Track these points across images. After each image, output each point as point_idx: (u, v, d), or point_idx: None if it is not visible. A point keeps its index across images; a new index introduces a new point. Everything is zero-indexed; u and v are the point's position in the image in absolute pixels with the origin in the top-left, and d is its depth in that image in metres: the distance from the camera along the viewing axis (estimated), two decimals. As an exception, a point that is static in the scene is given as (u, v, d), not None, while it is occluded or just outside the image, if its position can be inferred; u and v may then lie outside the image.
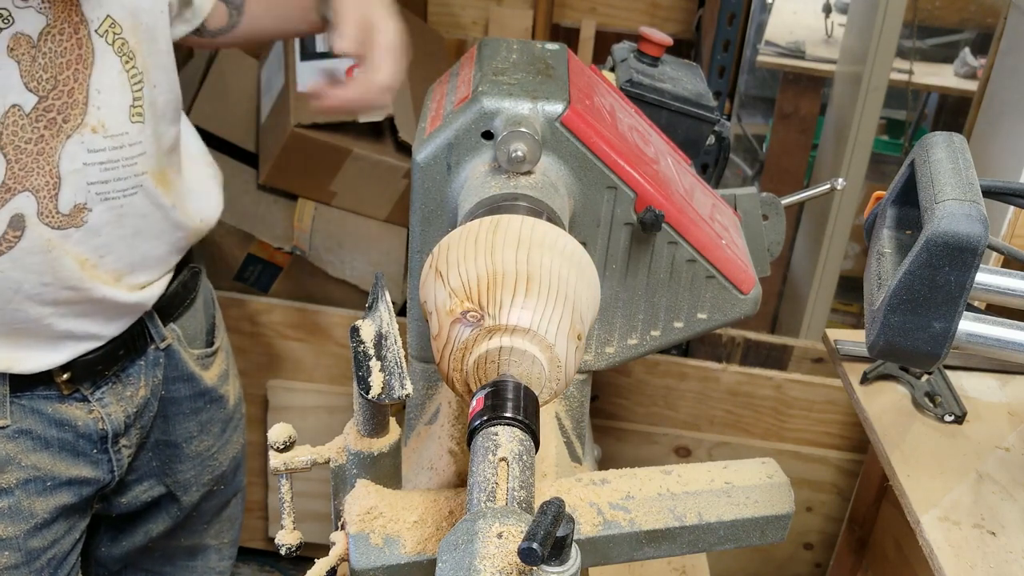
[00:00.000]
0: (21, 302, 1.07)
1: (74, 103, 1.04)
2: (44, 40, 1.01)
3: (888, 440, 1.20)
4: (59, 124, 1.03)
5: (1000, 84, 1.63)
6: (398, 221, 2.04)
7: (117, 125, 1.08)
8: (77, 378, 1.17)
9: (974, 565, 1.01)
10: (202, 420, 1.37)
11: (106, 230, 1.11)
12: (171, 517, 1.41)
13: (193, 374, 1.33)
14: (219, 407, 1.39)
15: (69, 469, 1.20)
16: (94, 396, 1.20)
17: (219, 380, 1.38)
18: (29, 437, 1.16)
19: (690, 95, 1.18)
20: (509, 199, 0.88)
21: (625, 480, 0.90)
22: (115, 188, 1.09)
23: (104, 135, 1.07)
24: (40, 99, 1.01)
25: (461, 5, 2.32)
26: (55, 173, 1.04)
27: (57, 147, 1.04)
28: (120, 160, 1.09)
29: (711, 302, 1.02)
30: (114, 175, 1.09)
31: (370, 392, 0.78)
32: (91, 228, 1.09)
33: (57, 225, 1.06)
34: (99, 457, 1.23)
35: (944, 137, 0.86)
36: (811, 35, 2.79)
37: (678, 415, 2.01)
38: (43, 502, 1.18)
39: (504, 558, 0.57)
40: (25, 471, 1.15)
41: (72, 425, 1.19)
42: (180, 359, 1.30)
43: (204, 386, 1.35)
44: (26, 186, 1.03)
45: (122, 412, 1.24)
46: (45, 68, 1.01)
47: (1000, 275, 0.83)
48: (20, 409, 1.14)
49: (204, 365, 1.35)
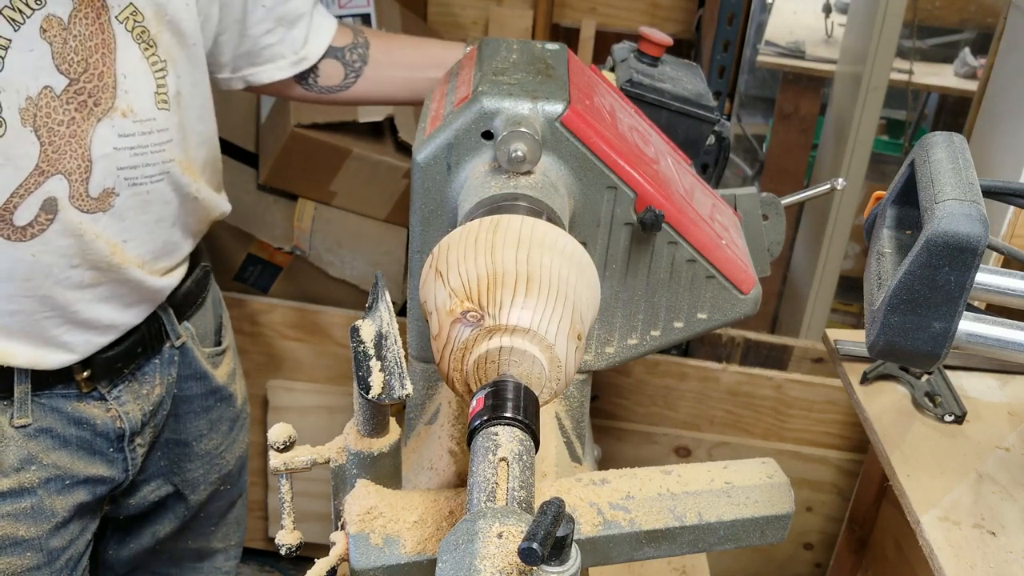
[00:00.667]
0: (51, 287, 1.08)
1: (104, 87, 1.05)
2: (73, 23, 1.02)
3: (888, 440, 1.20)
4: (90, 107, 1.05)
5: (1000, 84, 1.63)
6: (398, 221, 2.04)
7: (145, 110, 1.09)
8: (96, 376, 1.19)
9: (974, 565, 1.01)
10: (212, 418, 1.38)
11: (130, 215, 1.12)
12: (178, 518, 1.41)
13: (206, 372, 1.34)
14: (228, 405, 1.41)
15: (87, 468, 1.21)
16: (111, 395, 1.21)
17: (228, 378, 1.40)
18: (49, 436, 1.17)
19: (690, 95, 1.18)
20: (509, 199, 0.88)
21: (625, 480, 0.90)
22: (143, 174, 1.11)
23: (134, 119, 1.08)
24: (71, 81, 1.03)
25: (461, 5, 2.32)
26: (87, 156, 1.06)
27: (88, 130, 1.05)
28: (149, 146, 1.10)
29: (711, 302, 1.02)
30: (143, 160, 1.10)
31: (370, 392, 0.78)
32: (116, 212, 1.10)
33: (87, 209, 1.08)
34: (115, 456, 1.24)
35: (944, 137, 0.86)
36: (811, 35, 2.79)
37: (678, 415, 2.01)
38: (62, 500, 1.19)
39: (504, 558, 0.57)
40: (47, 470, 1.17)
41: (91, 424, 1.20)
42: (193, 357, 1.32)
43: (215, 384, 1.36)
44: (59, 169, 1.04)
45: (139, 410, 1.25)
46: (76, 51, 1.03)
47: (1000, 275, 0.83)
48: (40, 408, 1.16)
49: (214, 363, 1.37)
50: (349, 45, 1.32)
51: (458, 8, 2.32)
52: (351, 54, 1.32)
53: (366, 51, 1.32)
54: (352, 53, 1.32)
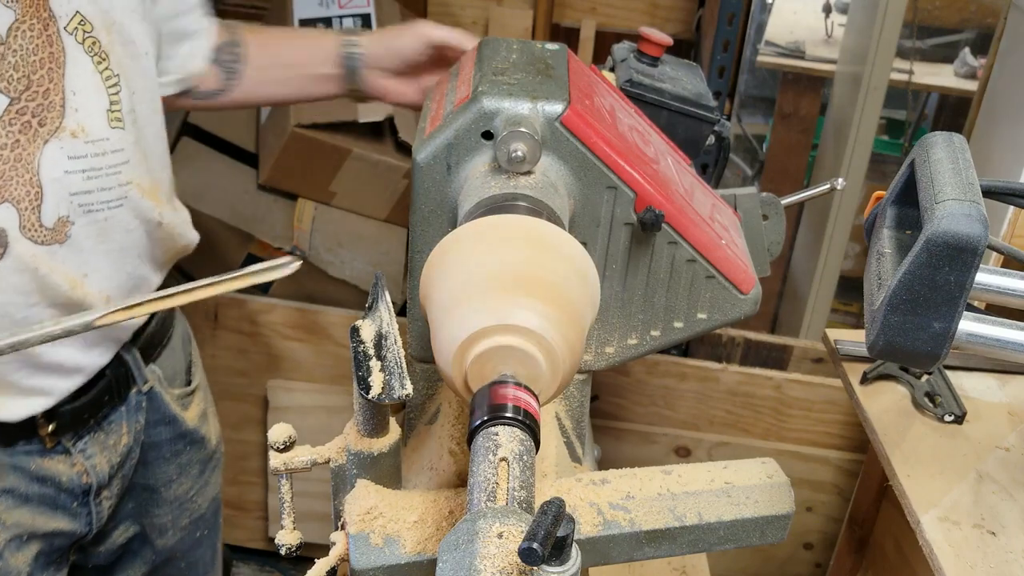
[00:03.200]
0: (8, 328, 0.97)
1: (50, 105, 0.97)
2: (13, 36, 0.94)
3: (888, 440, 1.20)
4: (35, 128, 0.96)
5: (1000, 84, 1.63)
6: (398, 221, 2.04)
7: (97, 129, 1.01)
8: (61, 429, 1.11)
9: (974, 565, 1.01)
10: (181, 463, 1.31)
11: (88, 245, 1.03)
12: (147, 563, 1.34)
13: (175, 416, 1.27)
14: (199, 448, 1.33)
15: (47, 523, 1.14)
16: (77, 447, 1.14)
17: (199, 420, 1.32)
18: (11, 496, 1.10)
19: (690, 95, 1.18)
20: (509, 199, 0.87)
21: (625, 480, 0.90)
22: (99, 199, 1.02)
23: (85, 140, 1.00)
24: (12, 100, 0.95)
25: (461, 5, 2.32)
26: (35, 182, 0.97)
27: (35, 153, 0.97)
28: (103, 168, 1.02)
29: (711, 302, 1.02)
30: (97, 184, 1.02)
31: (370, 392, 0.78)
32: (74, 243, 1.02)
33: (41, 240, 0.99)
34: (79, 510, 1.17)
35: (944, 137, 0.86)
36: (811, 35, 2.79)
37: (678, 415, 2.01)
38: (22, 555, 1.12)
39: (504, 558, 0.57)
40: (8, 531, 1.10)
41: (55, 481, 1.13)
42: (162, 401, 1.24)
43: (185, 428, 1.29)
44: (6, 197, 0.96)
45: (106, 462, 1.18)
46: (16, 67, 0.94)
47: (1000, 275, 0.83)
48: (2, 468, 1.08)
49: (184, 405, 1.29)
50: (221, 44, 1.22)
51: (458, 8, 2.32)
52: (225, 53, 1.22)
53: (241, 49, 1.22)
54: (226, 52, 1.22)
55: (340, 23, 2.11)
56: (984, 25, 2.81)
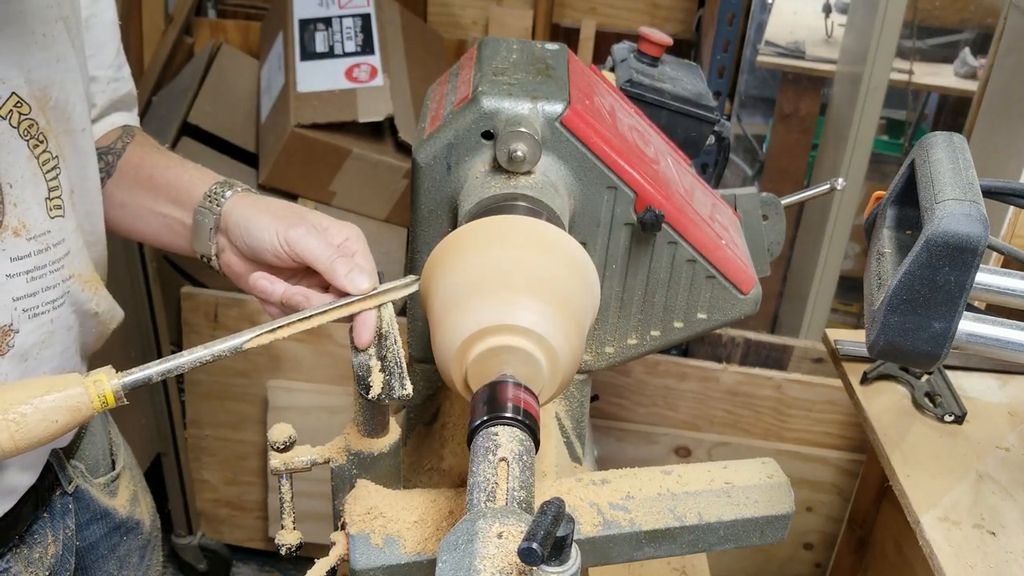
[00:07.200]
0: None
1: None
2: None
3: (888, 440, 1.20)
4: None
5: (1000, 84, 1.63)
6: (398, 221, 2.04)
7: (37, 223, 0.89)
8: None
9: (974, 565, 1.01)
10: (120, 555, 1.19)
11: (33, 352, 0.91)
12: None
13: (106, 509, 1.13)
14: (135, 535, 1.20)
15: None
16: None
17: (130, 506, 1.19)
18: None
19: (690, 95, 1.18)
20: (509, 199, 0.88)
21: (625, 480, 0.90)
22: (43, 300, 0.91)
23: (27, 236, 0.88)
24: None
25: (461, 5, 2.32)
26: None
27: None
28: (47, 265, 0.91)
29: (711, 302, 1.02)
30: (41, 284, 0.90)
31: (370, 392, 0.78)
32: (18, 354, 0.89)
33: None
34: None
35: (944, 137, 0.86)
36: (811, 35, 2.79)
37: (678, 415, 2.01)
38: None
39: (504, 558, 0.57)
40: None
41: None
42: (90, 498, 1.10)
43: (119, 518, 1.16)
44: None
45: None
46: None
47: (1000, 275, 0.83)
48: None
49: (111, 492, 1.16)
50: (105, 148, 1.06)
51: (458, 8, 2.32)
52: (103, 158, 1.05)
53: (115, 159, 1.06)
54: (104, 158, 1.05)
55: (340, 23, 2.11)
56: (984, 25, 2.81)
